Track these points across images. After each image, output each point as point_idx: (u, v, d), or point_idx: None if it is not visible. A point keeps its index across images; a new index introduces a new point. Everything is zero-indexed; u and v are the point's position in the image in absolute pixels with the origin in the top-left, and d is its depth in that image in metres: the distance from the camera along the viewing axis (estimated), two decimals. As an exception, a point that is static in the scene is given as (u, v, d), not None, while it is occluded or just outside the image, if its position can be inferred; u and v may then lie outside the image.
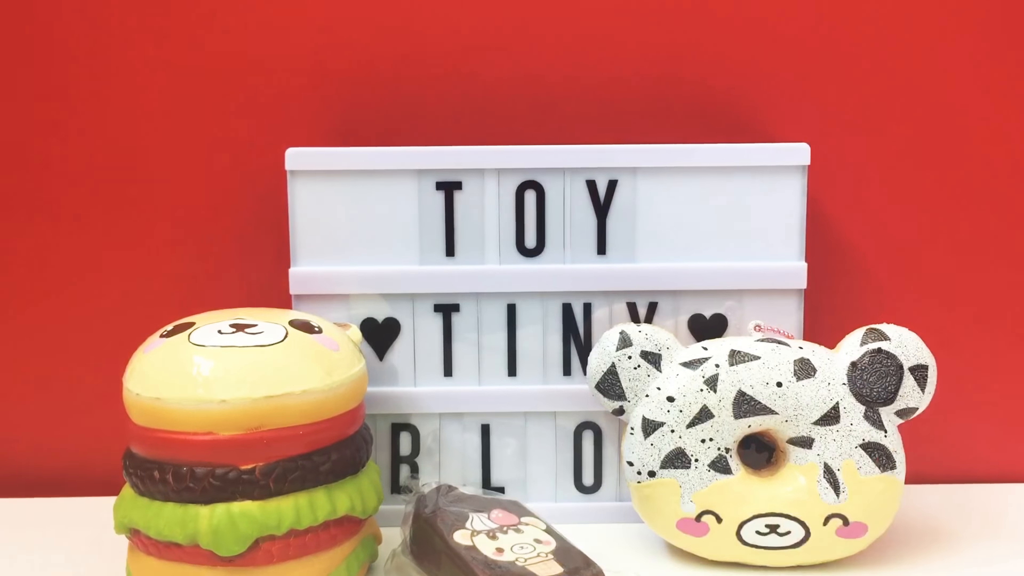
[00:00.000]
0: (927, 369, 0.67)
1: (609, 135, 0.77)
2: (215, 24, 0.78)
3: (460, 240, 0.73)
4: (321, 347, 0.64)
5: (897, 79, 0.78)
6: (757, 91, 0.78)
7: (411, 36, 0.78)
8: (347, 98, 0.78)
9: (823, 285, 0.78)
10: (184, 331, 0.63)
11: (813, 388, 0.66)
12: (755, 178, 0.72)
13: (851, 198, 0.79)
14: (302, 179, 0.72)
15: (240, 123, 0.79)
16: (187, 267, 0.80)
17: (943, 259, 0.80)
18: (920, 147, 0.79)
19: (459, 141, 0.76)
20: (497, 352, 0.74)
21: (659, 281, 0.73)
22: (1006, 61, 0.78)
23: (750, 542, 0.67)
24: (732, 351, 0.67)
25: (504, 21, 0.78)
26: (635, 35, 0.78)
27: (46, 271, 0.80)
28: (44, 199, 0.80)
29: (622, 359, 0.68)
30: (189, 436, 0.60)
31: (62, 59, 0.78)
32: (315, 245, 0.73)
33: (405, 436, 0.75)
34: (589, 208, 0.73)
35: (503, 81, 0.78)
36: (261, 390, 0.60)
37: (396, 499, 0.75)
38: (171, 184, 0.79)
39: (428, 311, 0.74)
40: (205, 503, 0.60)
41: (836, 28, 0.78)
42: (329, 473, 0.63)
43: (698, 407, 0.66)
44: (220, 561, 0.60)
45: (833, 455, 0.66)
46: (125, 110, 0.79)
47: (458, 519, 0.65)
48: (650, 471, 0.67)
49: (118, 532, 0.63)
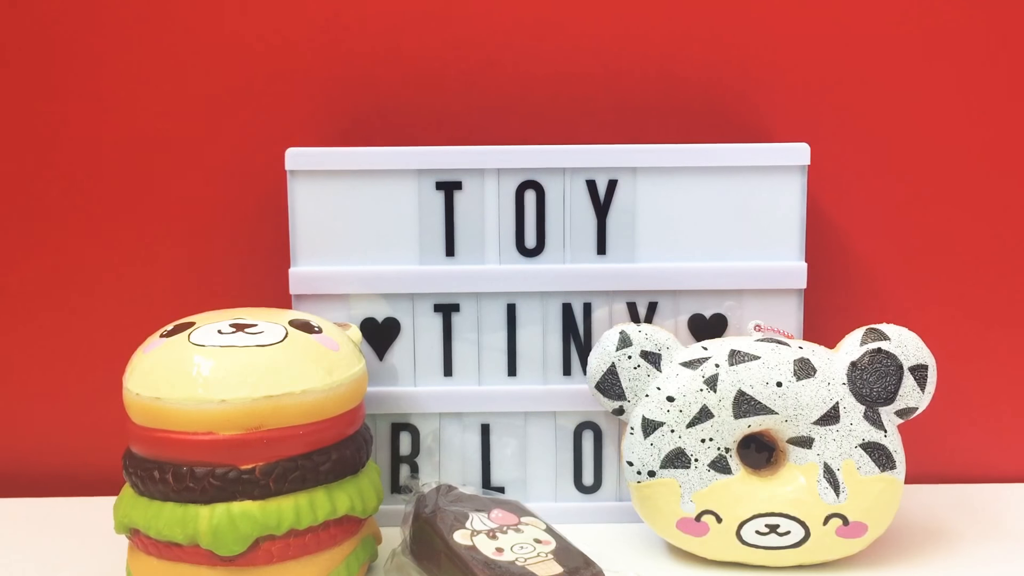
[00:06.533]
0: (927, 369, 0.67)
1: (609, 135, 0.78)
2: (215, 24, 0.78)
3: (460, 240, 0.73)
4: (321, 347, 0.64)
5: (897, 79, 0.78)
6: (757, 91, 0.78)
7: (411, 36, 0.78)
8: (347, 98, 0.78)
9: (823, 285, 0.78)
10: (184, 331, 0.63)
11: (813, 388, 0.66)
12: (755, 178, 0.72)
13: (851, 198, 0.79)
14: (302, 179, 0.72)
15: (240, 123, 0.79)
16: (187, 267, 0.80)
17: (943, 259, 0.80)
18: (920, 147, 0.79)
19: (459, 141, 0.76)
20: (497, 352, 0.74)
21: (659, 281, 0.73)
22: (1006, 61, 0.78)
23: (750, 542, 0.67)
24: (732, 351, 0.67)
25: (504, 21, 0.78)
26: (635, 35, 0.78)
27: (46, 271, 0.80)
28: (44, 199, 0.80)
29: (622, 359, 0.68)
30: (189, 436, 0.60)
31: (62, 59, 0.78)
32: (315, 245, 0.73)
33: (405, 436, 0.75)
34: (589, 208, 0.73)
35: (503, 81, 0.78)
36: (261, 390, 0.60)
37: (396, 499, 0.75)
38: (171, 184, 0.79)
39: (428, 311, 0.74)
40: (205, 503, 0.60)
41: (836, 28, 0.78)
42: (329, 473, 0.63)
43: (698, 407, 0.66)
44: (220, 561, 0.60)
45: (833, 455, 0.66)
46: (125, 110, 0.79)
47: (458, 519, 0.65)
48: (650, 471, 0.67)
49: (118, 532, 0.63)
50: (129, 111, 0.79)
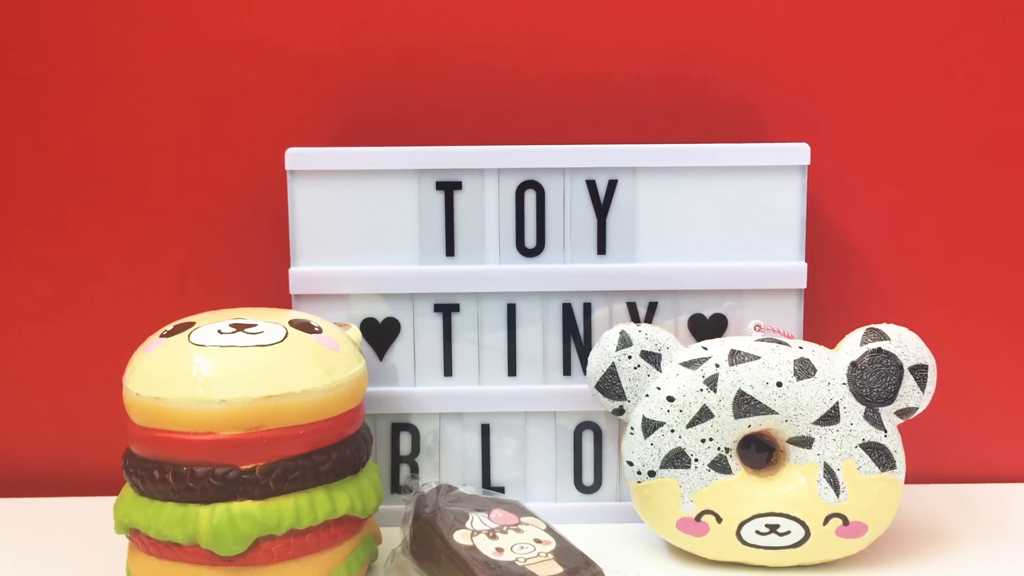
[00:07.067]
0: (927, 369, 0.67)
1: (609, 135, 0.78)
2: (215, 24, 0.78)
3: (460, 240, 0.73)
4: (321, 347, 0.64)
5: (897, 79, 0.78)
6: (757, 91, 0.78)
7: (411, 36, 0.78)
8: (347, 98, 0.78)
9: (823, 285, 0.78)
10: (184, 331, 0.63)
11: (813, 388, 0.66)
12: (755, 178, 0.72)
13: (851, 198, 0.79)
14: (302, 179, 0.72)
15: (240, 123, 0.79)
16: (187, 267, 0.80)
17: (943, 259, 0.80)
18: (920, 147, 0.79)
19: (459, 141, 0.76)
20: (497, 352, 0.74)
21: (659, 281, 0.73)
22: (1006, 61, 0.78)
23: (750, 542, 0.67)
24: (732, 351, 0.67)
25: (504, 21, 0.78)
26: (635, 35, 0.78)
27: (46, 271, 0.80)
28: (44, 199, 0.80)
29: (622, 359, 0.68)
30: (189, 436, 0.60)
31: (62, 59, 0.78)
32: (315, 245, 0.73)
33: (405, 436, 0.75)
34: (589, 208, 0.73)
35: (503, 80, 0.78)
36: (261, 390, 0.60)
37: (396, 499, 0.75)
38: (171, 184, 0.79)
39: (428, 311, 0.74)
40: (205, 503, 0.60)
41: (836, 28, 0.78)
42: (329, 473, 0.63)
43: (698, 407, 0.66)
44: (220, 561, 0.60)
45: (833, 455, 0.66)
46: (125, 110, 0.79)
47: (458, 519, 0.65)
48: (650, 471, 0.67)
49: (118, 532, 0.63)
50: (129, 111, 0.79)
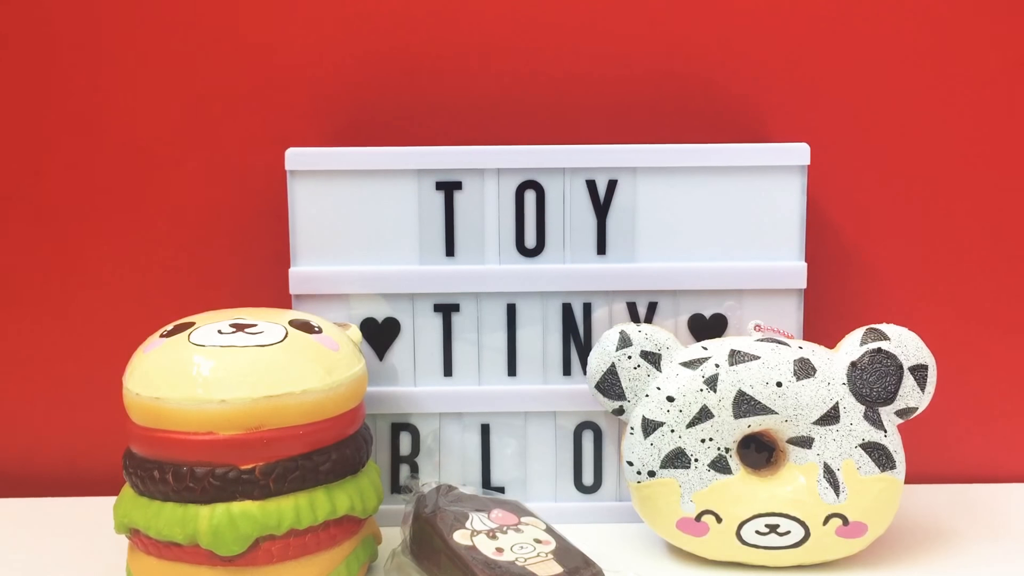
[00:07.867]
0: (927, 369, 0.67)
1: (609, 135, 0.78)
2: (215, 25, 0.78)
3: (460, 240, 0.73)
4: (321, 347, 0.64)
5: (897, 79, 0.78)
6: (757, 91, 0.78)
7: (411, 36, 0.78)
8: (347, 98, 0.78)
9: (823, 285, 0.78)
10: (184, 331, 0.63)
11: (813, 388, 0.66)
12: (755, 178, 0.72)
13: (851, 198, 0.79)
14: (302, 179, 0.72)
15: (240, 123, 0.79)
16: (187, 267, 0.80)
17: (943, 259, 0.80)
18: (920, 147, 0.79)
19: (459, 141, 0.76)
20: (497, 352, 0.74)
21: (659, 281, 0.73)
22: (1006, 61, 0.78)
23: (750, 542, 0.67)
24: (732, 351, 0.67)
25: (504, 21, 0.78)
26: (635, 35, 0.78)
27: (46, 271, 0.80)
28: (44, 199, 0.80)
29: (622, 359, 0.68)
30: (189, 436, 0.60)
31: (62, 59, 0.78)
32: (315, 245, 0.73)
33: (405, 436, 0.75)
34: (589, 208, 0.73)
35: (503, 80, 0.78)
36: (261, 390, 0.60)
37: (396, 499, 0.75)
38: (171, 184, 0.79)
39: (428, 311, 0.74)
40: (205, 503, 0.60)
41: (836, 28, 0.78)
42: (329, 473, 0.63)
43: (698, 407, 0.66)
44: (220, 561, 0.60)
45: (833, 455, 0.66)
46: (125, 110, 0.79)
47: (458, 519, 0.65)
48: (650, 471, 0.67)
49: (118, 532, 0.63)
50: (129, 111, 0.79)
